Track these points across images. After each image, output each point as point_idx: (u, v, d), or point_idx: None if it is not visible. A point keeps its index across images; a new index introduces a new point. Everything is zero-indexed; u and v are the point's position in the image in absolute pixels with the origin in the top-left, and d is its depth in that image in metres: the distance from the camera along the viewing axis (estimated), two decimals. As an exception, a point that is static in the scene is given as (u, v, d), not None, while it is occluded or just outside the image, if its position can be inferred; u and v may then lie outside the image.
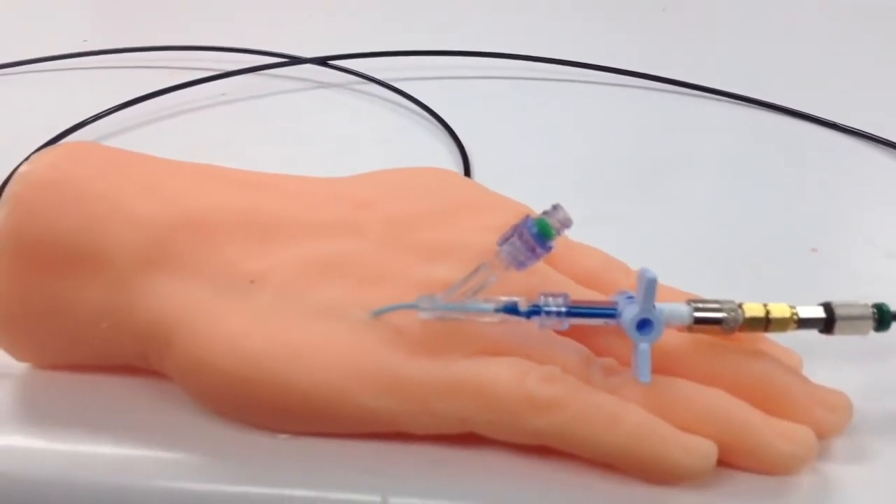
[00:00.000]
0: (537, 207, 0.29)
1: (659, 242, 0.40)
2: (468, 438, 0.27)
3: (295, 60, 0.57)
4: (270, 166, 0.32)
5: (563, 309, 0.27)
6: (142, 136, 0.50)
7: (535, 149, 0.49)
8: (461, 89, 0.57)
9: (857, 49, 0.65)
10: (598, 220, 0.41)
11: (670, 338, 0.28)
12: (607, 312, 0.27)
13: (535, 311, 0.27)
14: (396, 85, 0.55)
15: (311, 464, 0.27)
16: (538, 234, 0.26)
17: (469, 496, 0.26)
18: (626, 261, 0.32)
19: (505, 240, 0.27)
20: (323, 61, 0.57)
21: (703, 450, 0.25)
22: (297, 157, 0.47)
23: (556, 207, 0.27)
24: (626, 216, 0.42)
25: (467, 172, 0.45)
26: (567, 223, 0.27)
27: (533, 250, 0.26)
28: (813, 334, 0.28)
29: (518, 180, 0.45)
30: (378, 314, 0.27)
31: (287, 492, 0.26)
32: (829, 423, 0.27)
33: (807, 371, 0.29)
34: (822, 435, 0.27)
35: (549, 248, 0.27)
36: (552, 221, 0.26)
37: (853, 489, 0.26)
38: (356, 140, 0.50)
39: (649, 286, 0.26)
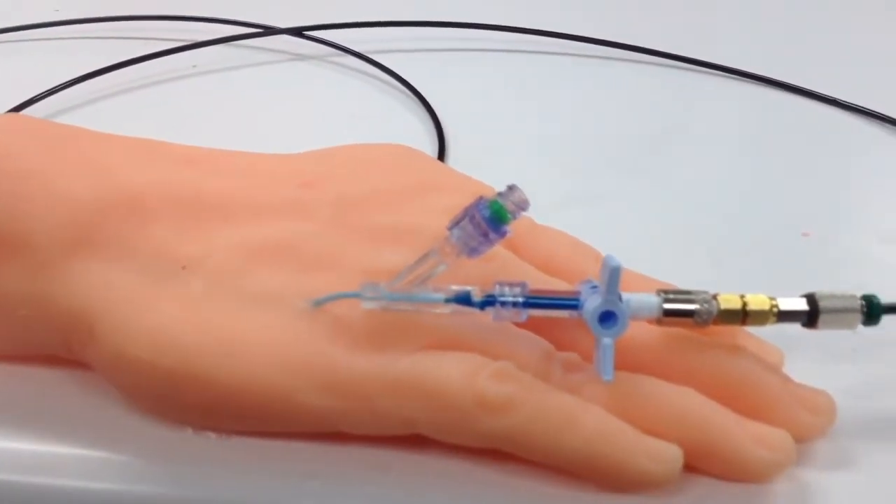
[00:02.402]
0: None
1: (643, 225, 0.38)
2: (415, 440, 0.25)
3: (269, 31, 0.55)
4: (241, 141, 0.31)
5: (521, 299, 0.25)
6: (108, 107, 0.48)
7: (515, 125, 0.47)
8: (442, 62, 0.54)
9: (856, 22, 0.62)
10: (579, 200, 0.40)
11: (638, 331, 0.25)
12: (568, 303, 0.25)
13: (489, 302, 0.25)
14: (374, 57, 0.52)
15: (244, 466, 0.25)
16: (491, 218, 0.24)
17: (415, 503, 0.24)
18: (608, 245, 0.29)
19: (455, 223, 0.24)
20: (298, 32, 0.55)
21: (668, 455, 0.23)
22: (269, 132, 0.45)
23: (511, 188, 0.24)
24: (609, 197, 0.40)
25: (442, 149, 0.43)
26: (524, 205, 0.24)
27: (486, 235, 0.24)
28: (798, 327, 0.26)
29: (495, 158, 0.43)
30: (319, 304, 0.25)
31: (218, 496, 0.24)
32: (810, 425, 0.25)
33: (788, 368, 0.27)
34: (803, 438, 0.25)
35: (503, 234, 0.24)
36: (506, 203, 0.24)
37: (835, 497, 0.24)
38: (330, 114, 0.48)
39: (613, 275, 0.24)
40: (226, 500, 0.24)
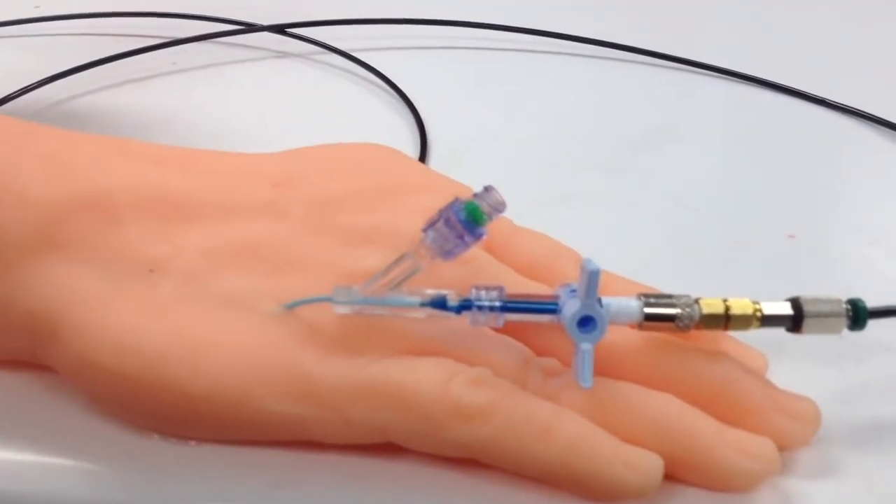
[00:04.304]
0: (496, 186, 0.25)
1: (627, 226, 0.38)
2: (388, 449, 0.24)
3: (251, 28, 0.54)
4: (222, 140, 0.30)
5: (498, 304, 0.24)
6: (87, 104, 0.47)
7: (498, 124, 0.46)
8: (426, 60, 0.53)
9: (845, 22, 0.61)
10: (563, 201, 0.39)
11: (619, 336, 0.25)
12: (547, 308, 0.24)
13: (466, 306, 0.24)
14: (358, 55, 0.51)
15: (212, 474, 0.24)
16: (467, 220, 0.23)
17: (388, 512, 0.23)
18: (592, 246, 0.28)
19: (430, 225, 0.24)
20: (281, 29, 0.54)
21: (648, 465, 0.22)
22: (251, 131, 0.44)
23: (487, 189, 0.24)
24: (593, 197, 0.39)
25: (424, 148, 0.42)
26: (500, 207, 0.24)
27: (461, 237, 0.23)
28: (784, 332, 0.25)
29: (478, 157, 0.42)
30: (290, 307, 0.24)
31: (184, 505, 0.23)
32: (793, 432, 0.24)
33: (772, 374, 0.26)
34: (786, 446, 0.24)
35: (479, 236, 0.24)
36: (482, 205, 0.23)
37: (818, 507, 0.24)
38: (313, 113, 0.47)
39: (591, 279, 0.23)
40: (193, 510, 0.23)
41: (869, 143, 0.44)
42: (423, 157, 0.41)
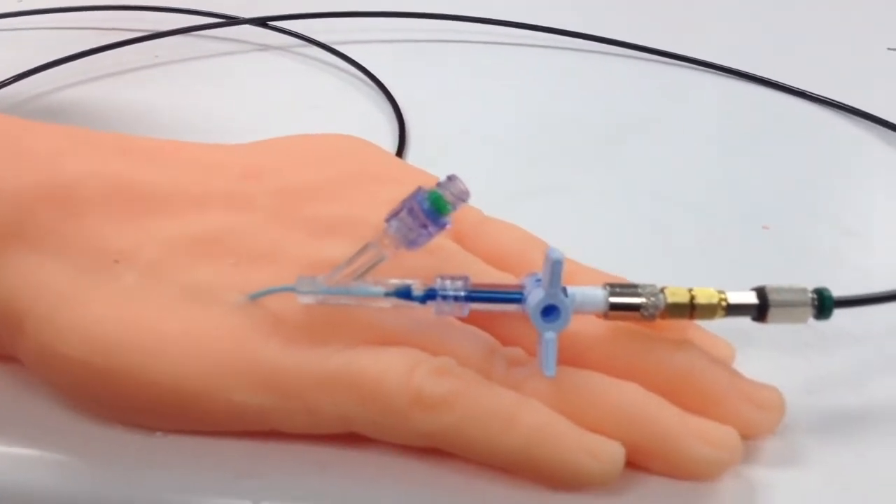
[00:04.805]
0: (474, 179, 0.25)
1: (603, 218, 0.38)
2: (352, 439, 0.24)
3: (232, 21, 0.54)
4: (202, 132, 0.30)
5: (462, 293, 0.24)
6: (68, 97, 0.47)
7: (478, 117, 0.46)
8: (406, 53, 0.53)
9: (827, 14, 0.61)
10: (540, 193, 0.39)
11: (584, 325, 0.25)
12: (511, 297, 0.24)
13: (430, 296, 0.24)
14: (339, 48, 0.51)
15: (177, 465, 0.24)
16: (430, 209, 0.23)
17: (351, 503, 0.23)
18: (568, 238, 0.28)
19: (394, 215, 0.24)
20: (262, 22, 0.54)
21: (610, 453, 0.22)
22: (231, 123, 0.44)
23: (451, 178, 0.24)
24: (570, 189, 0.39)
25: (402, 141, 0.42)
26: (464, 196, 0.24)
27: (425, 227, 0.23)
28: (751, 322, 0.25)
29: (457, 150, 0.42)
30: (254, 298, 0.24)
31: (149, 495, 0.23)
32: (757, 421, 0.24)
33: (739, 363, 0.26)
34: (750, 435, 0.24)
35: (442, 225, 0.24)
36: (445, 194, 0.23)
37: (781, 495, 0.24)
38: (293, 105, 0.47)
39: (555, 268, 0.23)
40: (157, 500, 0.23)
41: (843, 134, 0.45)
42: (401, 149, 0.41)
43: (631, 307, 0.24)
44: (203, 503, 0.23)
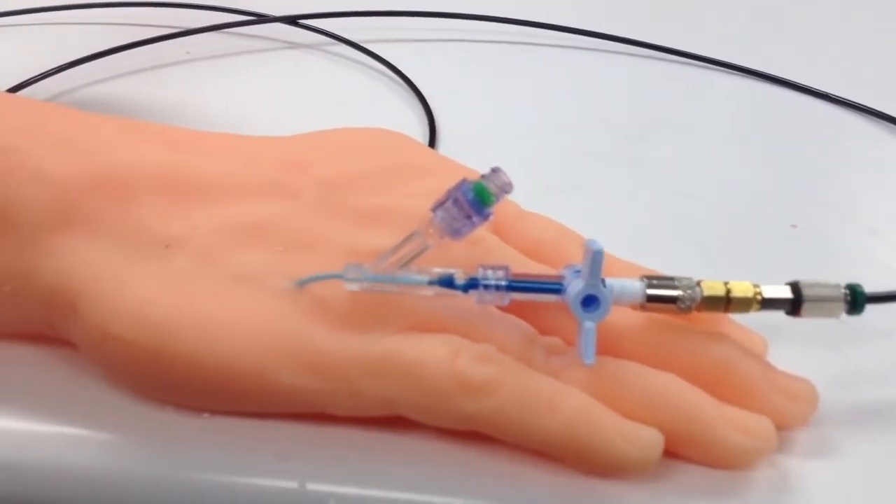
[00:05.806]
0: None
1: (631, 213, 0.38)
2: (395, 422, 0.25)
3: (263, 19, 0.55)
4: (232, 128, 0.31)
5: (504, 283, 0.25)
6: (100, 92, 0.48)
7: (506, 114, 0.47)
8: (435, 52, 0.54)
9: (847, 15, 0.62)
10: (568, 188, 0.40)
11: (622, 316, 0.25)
12: (551, 287, 0.25)
13: (472, 285, 0.24)
14: (368, 46, 0.52)
15: (224, 445, 0.25)
16: (475, 200, 0.24)
17: (393, 485, 0.24)
18: (596, 233, 0.29)
19: (439, 205, 0.24)
20: (293, 20, 0.54)
21: (647, 439, 0.23)
22: (261, 120, 0.44)
23: (495, 171, 0.24)
24: (598, 185, 0.40)
25: (433, 138, 0.43)
26: (507, 188, 0.24)
27: (469, 217, 0.24)
28: (783, 316, 0.26)
29: (485, 146, 0.43)
30: (301, 284, 0.25)
31: (197, 475, 0.24)
32: (791, 412, 0.25)
33: (772, 356, 0.27)
34: (784, 426, 0.25)
35: (486, 216, 0.24)
36: (490, 186, 0.24)
37: (815, 485, 0.24)
38: (323, 103, 0.47)
39: (595, 259, 0.24)
40: (205, 480, 0.24)
41: (868, 135, 0.45)
42: (431, 146, 0.42)
43: (668, 299, 0.25)
44: (249, 484, 0.24)
